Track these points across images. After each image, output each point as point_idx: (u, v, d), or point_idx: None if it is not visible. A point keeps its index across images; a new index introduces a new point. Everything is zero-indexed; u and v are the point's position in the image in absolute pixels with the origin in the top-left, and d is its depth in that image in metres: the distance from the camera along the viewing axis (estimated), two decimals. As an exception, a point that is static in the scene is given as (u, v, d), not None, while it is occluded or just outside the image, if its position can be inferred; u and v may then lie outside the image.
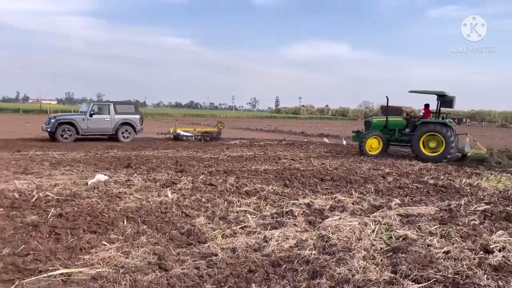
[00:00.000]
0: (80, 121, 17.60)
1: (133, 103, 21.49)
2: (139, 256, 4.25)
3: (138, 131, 18.97)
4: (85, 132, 17.78)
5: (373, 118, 16.11)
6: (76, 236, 4.83)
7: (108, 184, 7.74)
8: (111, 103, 18.63)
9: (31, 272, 3.83)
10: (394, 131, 14.69)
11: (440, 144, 13.39)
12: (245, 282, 3.62)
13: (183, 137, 19.88)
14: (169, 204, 6.50)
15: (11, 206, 6.02)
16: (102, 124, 18.05)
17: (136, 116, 18.90)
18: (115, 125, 18.23)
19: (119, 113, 18.41)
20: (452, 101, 14.02)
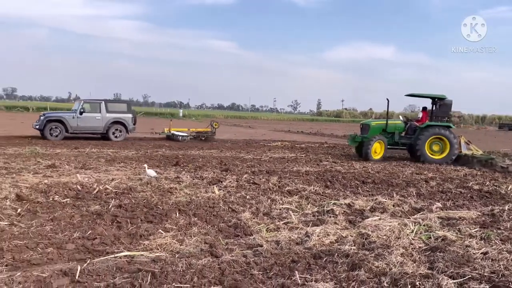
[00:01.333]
0: (69, 119, 17.39)
1: (126, 101, 21.06)
2: (192, 244, 4.68)
3: (130, 130, 18.55)
4: (74, 130, 17.55)
5: (371, 121, 15.70)
6: (135, 224, 5.36)
7: (160, 180, 8.31)
8: (102, 101, 18.28)
9: (99, 253, 4.35)
10: (393, 134, 14.37)
11: (443, 146, 13.85)
12: (289, 270, 3.94)
13: (178, 137, 19.45)
14: (216, 199, 6.94)
15: (76, 197, 6.68)
16: (92, 122, 17.76)
17: (128, 115, 18.50)
18: (106, 123, 17.90)
19: (111, 112, 18.08)
20: (451, 105, 14.52)
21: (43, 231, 4.95)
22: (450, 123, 14.36)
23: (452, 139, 13.77)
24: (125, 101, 20.83)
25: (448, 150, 13.76)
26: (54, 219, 5.42)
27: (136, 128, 19.35)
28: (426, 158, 13.70)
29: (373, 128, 14.47)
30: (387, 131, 14.35)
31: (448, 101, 14.34)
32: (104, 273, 3.74)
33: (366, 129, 14.58)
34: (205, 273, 3.83)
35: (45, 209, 5.92)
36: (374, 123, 15.03)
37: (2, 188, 6.81)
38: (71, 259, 4.17)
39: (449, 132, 13.80)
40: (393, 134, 14.35)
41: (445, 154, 13.77)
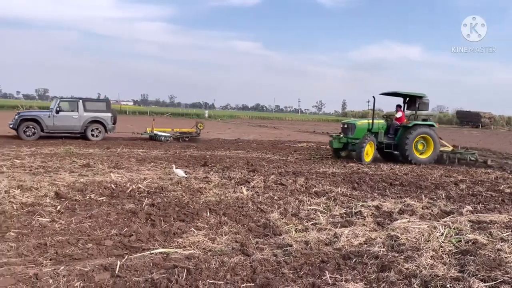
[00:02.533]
0: (45, 118, 16.81)
1: (105, 100, 20.30)
2: (223, 243, 4.83)
3: (109, 129, 18.00)
4: (50, 130, 17.02)
5: (356, 121, 14.72)
6: (168, 222, 5.56)
7: (189, 180, 8.52)
8: (79, 100, 17.73)
9: (136, 249, 4.55)
10: (376, 134, 13.71)
11: (427, 146, 13.77)
12: (319, 270, 4.03)
13: (161, 138, 18.78)
14: (244, 200, 7.08)
15: (111, 195, 6.95)
16: (69, 121, 17.21)
17: (107, 114, 17.97)
18: (83, 123, 17.33)
19: (89, 111, 17.49)
20: (428, 104, 14.36)
21: (82, 228, 5.20)
22: (433, 122, 14.46)
23: (436, 138, 13.80)
24: (104, 100, 20.22)
25: (432, 148, 13.70)
26: (92, 217, 5.69)
27: (116, 128, 18.78)
28: (414, 158, 13.44)
29: (359, 128, 13.73)
30: (372, 131, 13.70)
31: (426, 100, 14.23)
32: (142, 269, 3.93)
33: (352, 129, 13.79)
34: (238, 271, 3.96)
35: (82, 206, 6.20)
36: (360, 122, 14.23)
37: (42, 186, 7.16)
38: (110, 254, 4.39)
39: (432, 131, 13.82)
40: (377, 134, 13.71)
41: (430, 153, 13.71)
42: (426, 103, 14.18)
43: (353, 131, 13.67)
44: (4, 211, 5.69)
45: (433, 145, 13.67)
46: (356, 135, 13.51)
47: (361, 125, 13.88)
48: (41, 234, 4.92)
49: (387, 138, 13.80)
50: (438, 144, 13.84)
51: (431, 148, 13.69)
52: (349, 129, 13.86)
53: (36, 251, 4.38)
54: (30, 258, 4.17)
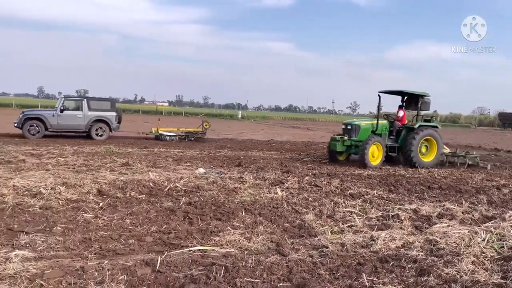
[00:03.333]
0: (49, 117, 16.80)
1: (109, 99, 19.98)
2: (259, 242, 4.90)
3: (113, 129, 17.86)
4: (54, 129, 16.97)
5: (360, 121, 13.57)
6: (205, 221, 5.68)
7: (224, 180, 8.65)
8: (84, 99, 17.81)
9: (175, 246, 4.69)
10: (380, 135, 12.81)
11: (431, 148, 13.12)
12: (355, 272, 4.02)
13: (166, 138, 18.72)
14: (279, 200, 7.12)
15: (150, 194, 7.17)
16: (73, 120, 17.13)
17: (112, 113, 17.85)
18: (87, 122, 17.25)
19: (93, 110, 17.42)
20: (430, 103, 13.69)
21: (124, 224, 5.41)
22: (437, 123, 13.85)
23: (440, 140, 13.18)
24: (109, 99, 19.82)
25: (436, 151, 13.05)
26: (132, 213, 5.90)
27: (120, 127, 18.62)
28: (419, 162, 12.60)
29: (364, 129, 12.72)
30: (376, 132, 12.75)
31: (428, 99, 13.51)
32: (181, 265, 4.05)
33: (355, 130, 12.72)
34: (274, 270, 4.01)
35: (123, 204, 6.44)
36: (364, 123, 13.17)
37: (85, 183, 7.47)
38: (150, 250, 4.55)
39: (436, 133, 13.16)
40: (380, 136, 12.82)
41: (434, 156, 13.05)
42: (427, 103, 13.50)
43: (357, 132, 12.65)
44: (51, 206, 6.00)
45: (436, 148, 13.01)
46: (360, 137, 12.55)
47: (365, 126, 12.90)
48: (86, 229, 5.16)
49: (390, 140, 13.01)
50: (441, 146, 13.25)
51: (435, 150, 13.02)
52: (352, 131, 12.75)
53: (82, 245, 4.59)
54: (76, 252, 4.39)
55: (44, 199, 6.27)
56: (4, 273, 3.61)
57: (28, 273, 3.66)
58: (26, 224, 5.18)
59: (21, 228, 4.97)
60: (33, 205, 5.96)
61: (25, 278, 3.55)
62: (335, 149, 12.80)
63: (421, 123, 13.09)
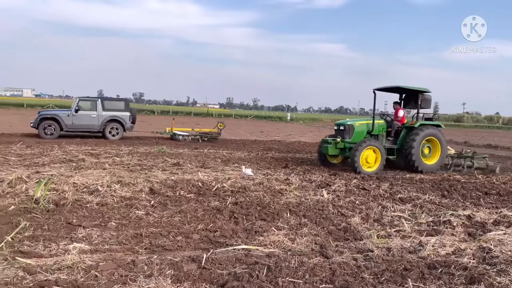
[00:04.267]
0: (64, 117, 17.13)
1: (123, 99, 19.91)
2: (303, 243, 4.91)
3: (127, 129, 18.09)
4: (69, 129, 17.27)
5: (354, 121, 12.21)
6: (250, 221, 5.78)
7: (271, 181, 8.72)
8: (98, 99, 18.12)
9: (220, 244, 4.81)
10: (376, 137, 11.63)
11: (434, 149, 11.87)
12: (401, 278, 3.92)
13: (179, 137, 18.83)
14: (325, 203, 7.08)
15: (198, 193, 7.39)
16: (88, 120, 17.41)
17: (126, 113, 18.06)
18: (102, 122, 17.52)
19: (107, 110, 17.69)
20: (430, 100, 12.52)
21: (172, 221, 5.63)
22: (439, 122, 12.57)
23: (443, 140, 11.96)
24: (123, 99, 19.81)
25: (439, 153, 11.79)
26: (181, 212, 6.12)
27: (134, 127, 18.84)
28: (422, 165, 11.40)
29: (358, 130, 11.54)
30: (372, 133, 11.59)
31: (429, 96, 12.29)
32: (226, 263, 4.16)
33: (349, 131, 11.52)
34: (317, 271, 4.01)
35: (173, 202, 6.69)
36: (358, 123, 11.91)
37: (138, 182, 7.84)
38: (197, 247, 4.70)
39: (439, 132, 11.94)
40: (377, 137, 11.62)
41: (438, 158, 11.79)
42: (428, 100, 12.30)
43: (351, 134, 11.46)
44: (107, 203, 6.36)
45: (440, 149, 11.77)
46: (354, 138, 11.34)
47: (359, 126, 11.69)
48: (138, 225, 5.43)
49: (388, 142, 11.76)
50: (445, 147, 12.03)
51: (438, 152, 11.77)
52: (345, 132, 11.55)
53: (133, 240, 4.84)
54: (128, 246, 4.63)
55: (101, 196, 6.66)
56: (62, 263, 3.89)
57: (84, 264, 3.92)
58: (83, 219, 5.54)
59: (79, 223, 5.31)
60: (90, 202, 6.34)
61: (81, 269, 3.81)
62: (327, 152, 11.65)
63: (422, 122, 11.88)
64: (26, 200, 6.12)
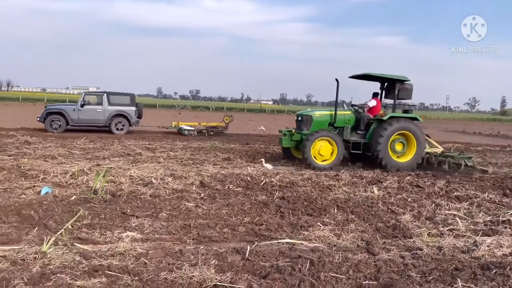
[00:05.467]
0: (70, 111, 17.15)
1: (129, 94, 19.54)
2: (348, 240, 4.84)
3: (133, 123, 18.01)
4: (75, 123, 17.30)
5: (314, 111, 11.23)
6: (296, 216, 5.79)
7: (320, 176, 8.65)
8: (104, 93, 17.91)
9: (265, 237, 4.88)
10: (341, 129, 10.56)
11: (408, 146, 10.49)
12: (450, 277, 3.76)
13: (185, 132, 18.63)
14: (375, 199, 6.91)
15: (246, 187, 7.50)
16: (93, 115, 17.37)
17: (132, 108, 17.93)
18: (107, 116, 17.47)
19: (113, 104, 17.61)
20: (412, 90, 10.93)
21: (220, 214, 5.77)
22: (416, 114, 10.98)
23: (420, 135, 10.50)
24: (128, 94, 19.52)
25: (415, 149, 10.41)
26: (229, 205, 6.26)
27: (140, 122, 18.79)
28: (391, 163, 10.18)
29: (317, 121, 10.66)
30: (335, 125, 10.61)
31: (409, 85, 10.89)
32: (269, 255, 4.21)
33: (307, 122, 10.69)
34: (361, 268, 3.95)
35: (222, 195, 6.85)
36: (318, 113, 10.98)
37: (189, 175, 8.10)
38: (242, 240, 4.79)
39: (415, 126, 10.54)
40: (342, 130, 10.56)
41: (412, 156, 10.41)
42: (408, 90, 10.91)
43: (309, 125, 10.60)
44: (159, 195, 6.64)
45: (415, 145, 10.41)
46: (313, 130, 10.43)
47: (319, 117, 10.79)
48: (187, 216, 5.62)
49: (355, 135, 10.68)
50: (422, 143, 10.55)
51: (413, 148, 10.42)
52: (303, 123, 10.73)
53: (182, 230, 5.03)
54: (176, 236, 4.82)
55: (154, 188, 6.97)
56: (115, 250, 4.14)
57: (135, 252, 4.14)
58: (137, 209, 5.83)
59: (133, 213, 5.60)
60: (144, 193, 6.66)
61: (132, 256, 4.04)
62: (281, 145, 10.97)
63: (392, 114, 10.61)
64: (86, 191, 6.55)
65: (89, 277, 3.50)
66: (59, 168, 8.08)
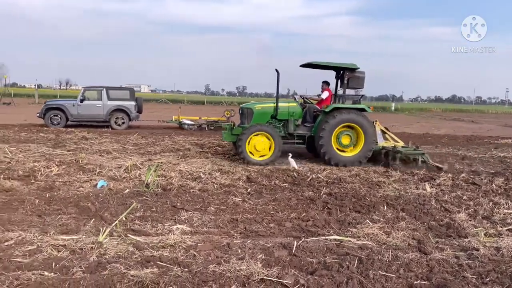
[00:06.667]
0: (69, 106, 17.10)
1: (128, 89, 19.26)
2: (399, 238, 4.70)
3: (132, 118, 17.87)
4: (75, 118, 17.27)
5: (254, 104, 10.50)
6: (343, 212, 5.70)
7: (368, 173, 8.45)
8: (103, 88, 17.74)
9: (312, 233, 4.84)
10: (286, 122, 9.83)
11: (356, 138, 9.70)
12: (510, 280, 3.55)
13: (184, 126, 18.29)
14: (427, 197, 6.65)
15: (293, 183, 7.48)
16: (93, 110, 17.30)
17: (131, 102, 17.81)
18: (107, 111, 17.36)
19: (112, 99, 17.50)
20: (363, 79, 9.96)
21: (266, 209, 5.80)
22: (364, 105, 10.00)
23: (368, 128, 9.64)
24: (128, 89, 19.31)
25: (362, 143, 9.58)
26: (275, 200, 6.28)
27: (140, 116, 18.65)
28: (335, 157, 9.46)
29: (258, 113, 9.95)
30: (278, 118, 9.90)
31: (360, 73, 9.91)
32: (316, 251, 4.18)
33: (248, 115, 10.02)
34: (412, 267, 3.83)
35: (268, 190, 6.88)
36: (260, 106, 10.23)
37: (237, 171, 8.21)
38: (289, 235, 4.79)
39: (363, 118, 9.64)
40: (287, 123, 9.89)
41: (359, 150, 9.58)
42: (360, 78, 9.95)
43: (250, 118, 9.95)
44: (207, 189, 6.78)
45: (363, 139, 9.61)
46: (254, 123, 9.81)
47: (260, 109, 10.05)
48: (234, 211, 5.70)
49: (303, 128, 10.00)
50: (371, 137, 9.68)
51: (361, 142, 9.63)
52: (244, 116, 10.15)
53: (230, 224, 5.11)
54: (224, 230, 4.90)
55: (202, 183, 7.12)
56: (166, 242, 4.28)
57: (185, 244, 4.27)
58: (186, 203, 5.99)
59: (182, 206, 5.77)
60: (193, 187, 6.83)
61: (182, 248, 4.16)
62: (223, 139, 10.53)
63: (335, 105, 9.81)
64: (138, 184, 6.83)
65: (141, 267, 3.64)
66: (113, 163, 8.47)
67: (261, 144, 9.37)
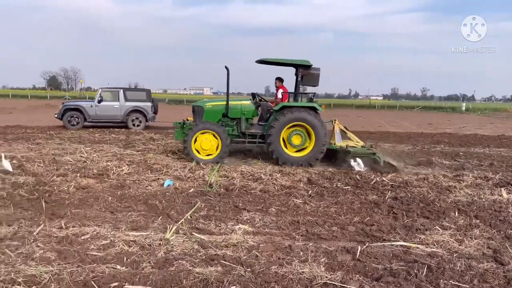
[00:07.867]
0: (87, 107, 17.21)
1: (145, 90, 19.10)
2: (472, 246, 4.41)
3: (149, 119, 17.91)
4: (93, 119, 17.36)
5: (205, 102, 10.10)
6: (411, 218, 5.46)
7: (437, 176, 8.02)
8: (120, 89, 17.95)
9: (376, 238, 4.69)
10: (238, 121, 9.60)
11: (307, 138, 9.23)
12: None
13: None
14: (503, 203, 6.18)
15: (356, 185, 7.30)
16: (110, 111, 17.42)
17: (148, 103, 17.89)
18: (124, 112, 17.51)
19: (129, 100, 17.63)
20: (318, 76, 9.46)
21: (328, 212, 5.71)
22: (315, 104, 9.42)
23: (318, 126, 9.10)
24: (145, 90, 19.20)
25: (313, 143, 9.11)
26: (337, 203, 6.16)
27: (156, 117, 18.48)
28: (283, 156, 9.08)
29: (209, 111, 9.70)
30: (230, 116, 9.63)
31: (315, 70, 9.39)
32: (381, 257, 4.04)
33: (199, 113, 9.79)
34: (487, 278, 3.58)
35: (330, 193, 6.77)
36: (211, 104, 9.96)
37: (297, 172, 8.20)
38: (352, 239, 4.67)
39: (313, 117, 9.13)
40: (239, 121, 9.59)
41: (310, 149, 9.13)
42: (314, 75, 9.40)
43: (201, 116, 9.75)
44: (268, 190, 6.82)
45: (314, 138, 9.08)
46: (203, 121, 9.61)
47: (211, 107, 9.81)
48: (295, 213, 5.68)
49: (256, 127, 9.73)
50: (322, 136, 9.09)
51: (312, 142, 9.13)
52: (195, 114, 9.97)
53: (291, 226, 5.09)
54: (286, 232, 4.89)
55: (263, 184, 7.17)
56: (229, 241, 4.36)
57: (247, 244, 4.32)
58: (248, 203, 6.07)
59: (244, 206, 5.84)
60: (254, 188, 6.90)
61: (244, 247, 4.21)
62: (176, 138, 10.20)
63: (284, 103, 9.44)
64: (202, 184, 7.03)
65: (206, 265, 3.74)
66: (179, 163, 8.80)
67: (207, 142, 9.24)
